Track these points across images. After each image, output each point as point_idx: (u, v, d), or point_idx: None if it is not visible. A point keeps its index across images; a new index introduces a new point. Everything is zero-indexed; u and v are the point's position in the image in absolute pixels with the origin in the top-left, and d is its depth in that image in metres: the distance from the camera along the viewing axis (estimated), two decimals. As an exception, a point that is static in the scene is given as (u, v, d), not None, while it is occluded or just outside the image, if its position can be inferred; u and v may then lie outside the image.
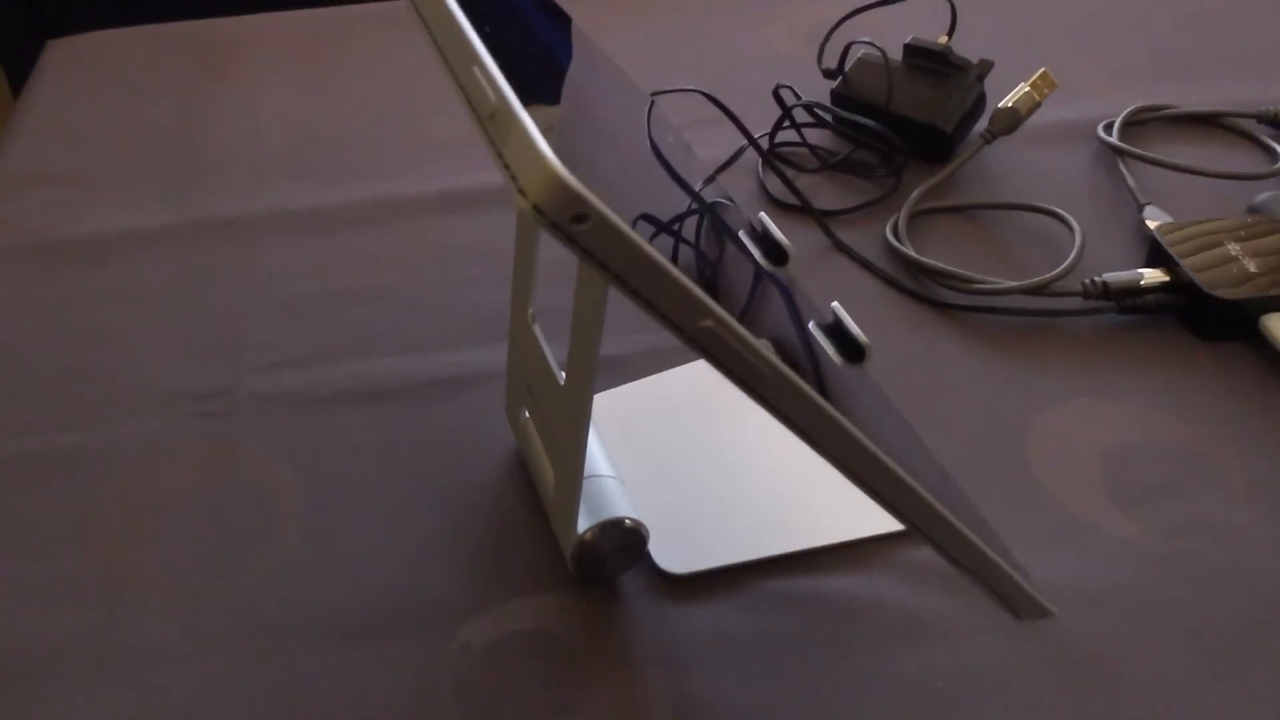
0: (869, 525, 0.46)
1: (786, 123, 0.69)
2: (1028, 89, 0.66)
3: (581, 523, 0.42)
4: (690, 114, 0.72)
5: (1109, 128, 0.69)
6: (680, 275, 0.27)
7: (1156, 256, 0.58)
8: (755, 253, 0.44)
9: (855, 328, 0.39)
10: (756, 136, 0.66)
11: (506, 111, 0.25)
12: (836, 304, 0.40)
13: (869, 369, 0.53)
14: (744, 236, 0.45)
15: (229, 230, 0.63)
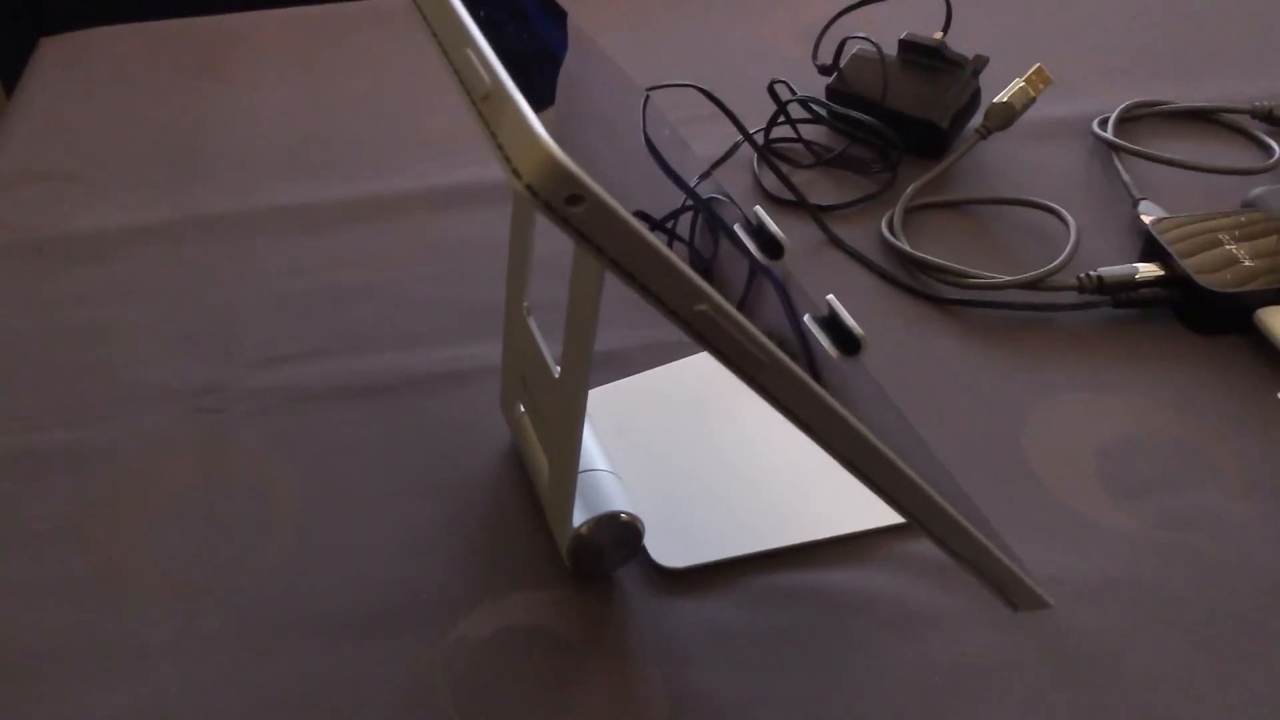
0: (865, 519, 0.46)
1: (782, 118, 0.69)
2: (1022, 84, 0.66)
3: (577, 517, 0.42)
4: (686, 110, 0.72)
5: (1104, 123, 0.69)
6: (675, 259, 0.27)
7: (1151, 251, 0.58)
8: (751, 246, 0.44)
9: (851, 320, 0.39)
10: (752, 132, 0.66)
11: (500, 93, 0.25)
12: (832, 297, 0.40)
13: (865, 363, 0.53)
14: (739, 231, 0.45)
15: (224, 227, 0.63)
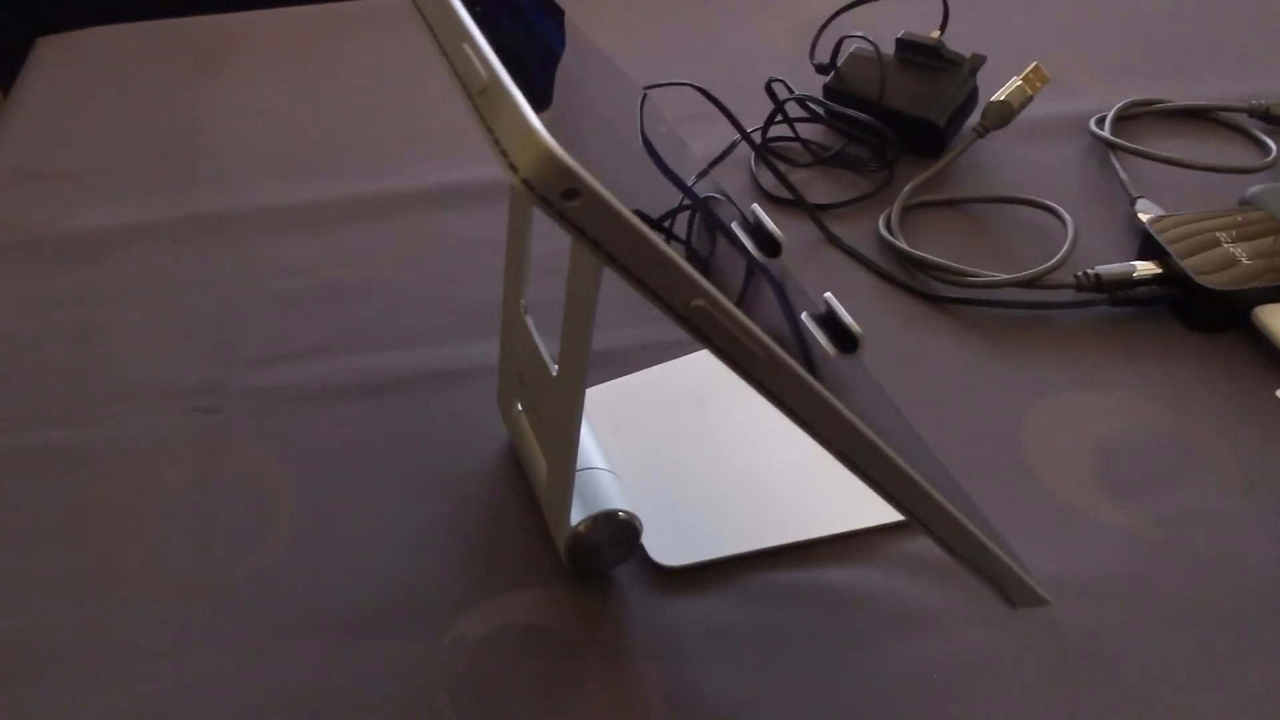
0: (863, 517, 0.46)
1: (779, 117, 0.68)
2: (1020, 83, 0.66)
3: (575, 515, 0.42)
4: (683, 109, 0.72)
5: (1101, 122, 0.69)
6: (673, 254, 0.27)
7: (1149, 249, 0.58)
8: (748, 245, 0.44)
9: (848, 318, 0.39)
10: (749, 131, 0.66)
11: (497, 87, 0.25)
12: (829, 294, 0.40)
13: (863, 361, 0.53)
14: (737, 229, 0.45)
15: (221, 226, 0.63)
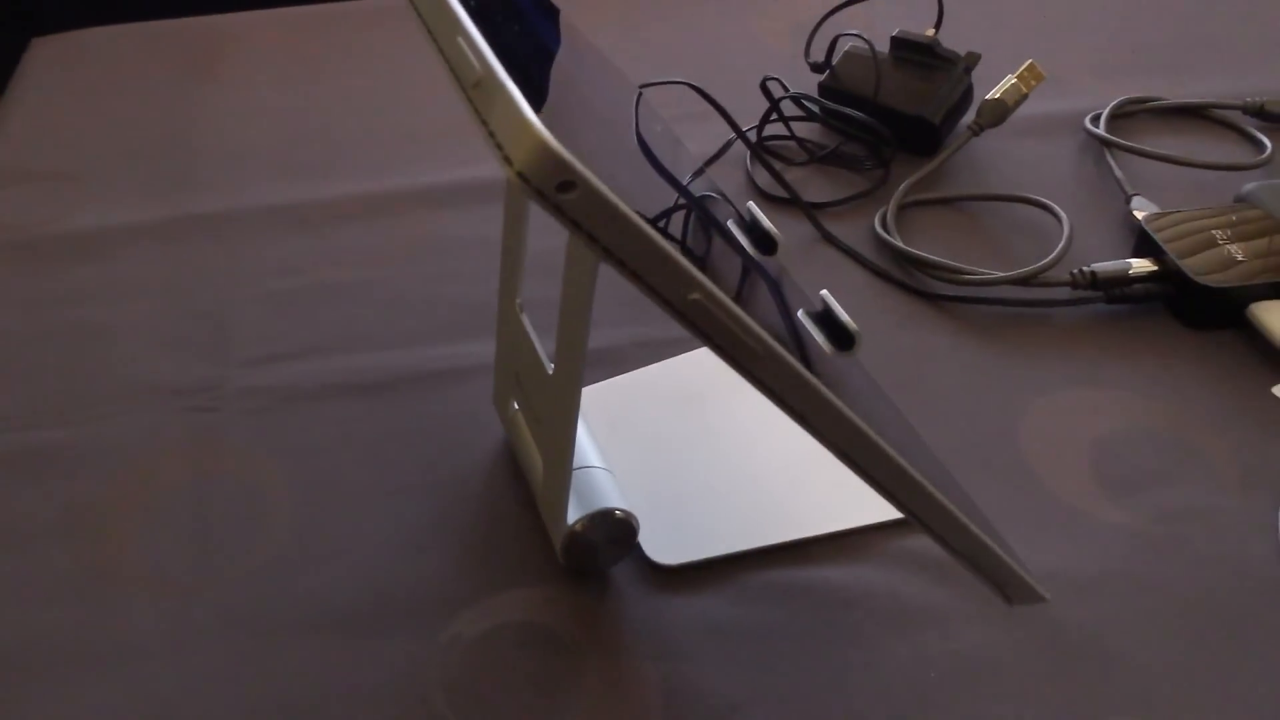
0: (860, 515, 0.46)
1: (774, 115, 0.68)
2: (1015, 81, 0.66)
3: (571, 514, 0.42)
4: (678, 108, 0.72)
5: (1096, 119, 0.69)
6: (669, 247, 0.27)
7: (1144, 246, 0.58)
8: (744, 242, 0.44)
9: (844, 315, 0.39)
10: (745, 129, 0.66)
11: (491, 80, 0.25)
12: (825, 292, 0.40)
13: (859, 359, 0.53)
14: (732, 227, 0.45)
15: (216, 226, 0.63)
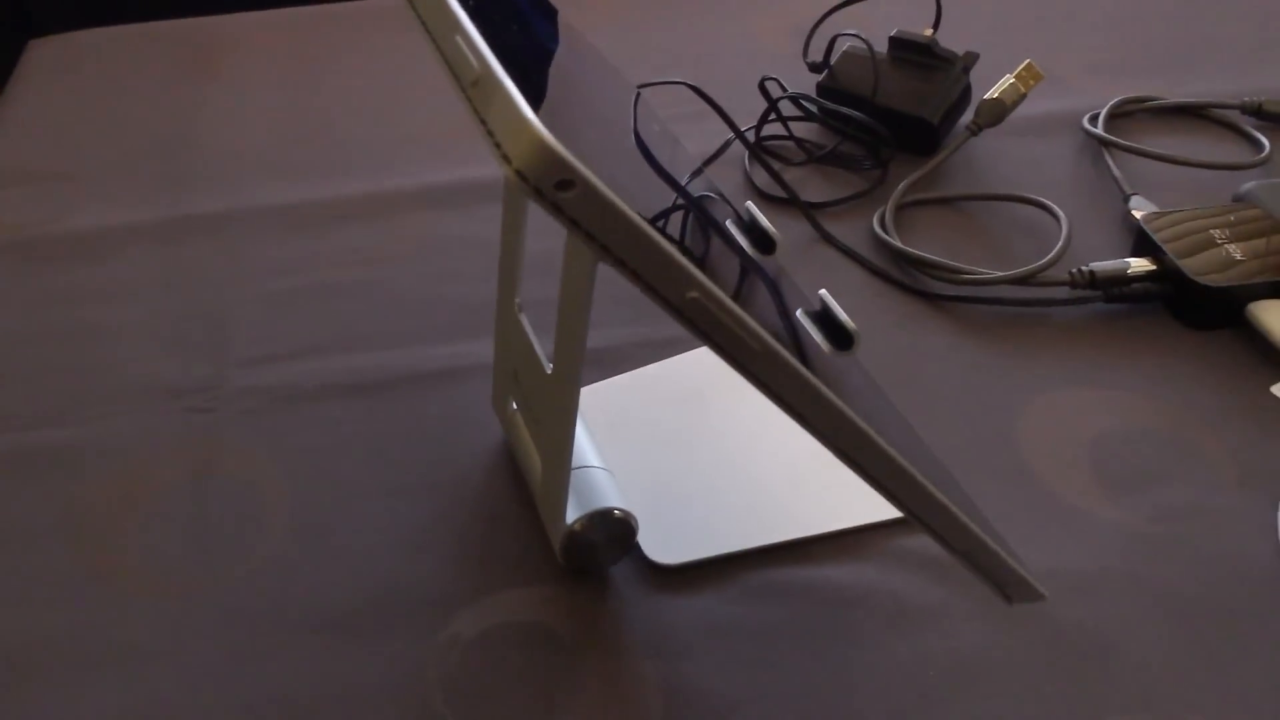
0: (859, 515, 0.46)
1: (773, 115, 0.68)
2: (1013, 80, 0.66)
3: (570, 513, 0.42)
4: (676, 108, 0.72)
5: (1094, 119, 0.69)
6: (667, 246, 0.27)
7: (1143, 246, 0.58)
8: (743, 242, 0.44)
9: (843, 315, 0.38)
10: (743, 129, 0.66)
11: (489, 78, 0.25)
12: (824, 291, 0.40)
13: (858, 358, 0.53)
14: (731, 226, 0.45)
15: (214, 226, 0.63)
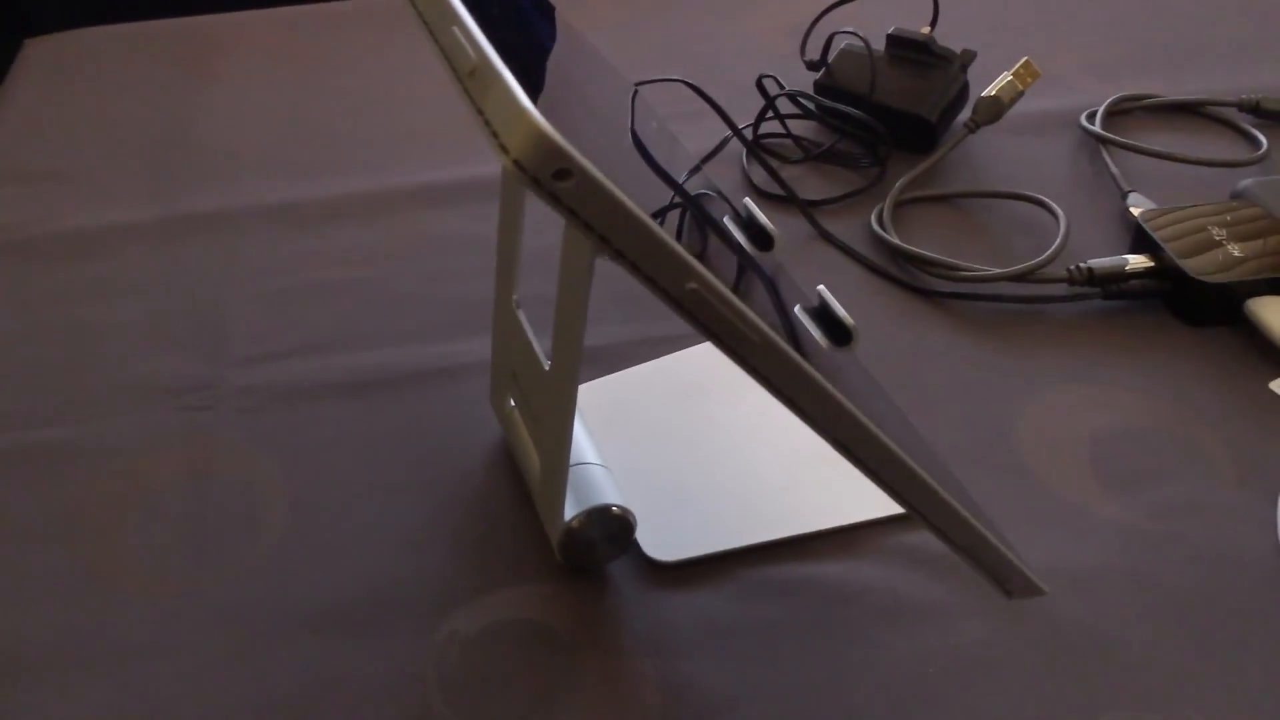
0: (858, 511, 0.46)
1: (770, 113, 0.68)
2: (1010, 78, 0.66)
3: (568, 510, 0.42)
4: (674, 106, 0.71)
5: (1091, 117, 0.69)
6: (666, 237, 0.26)
7: (1141, 243, 0.58)
8: (741, 238, 0.44)
9: (841, 310, 0.38)
10: (740, 127, 0.66)
11: (486, 68, 0.25)
12: (822, 287, 0.40)
13: (856, 355, 0.53)
14: (729, 223, 0.45)
15: (211, 225, 0.62)
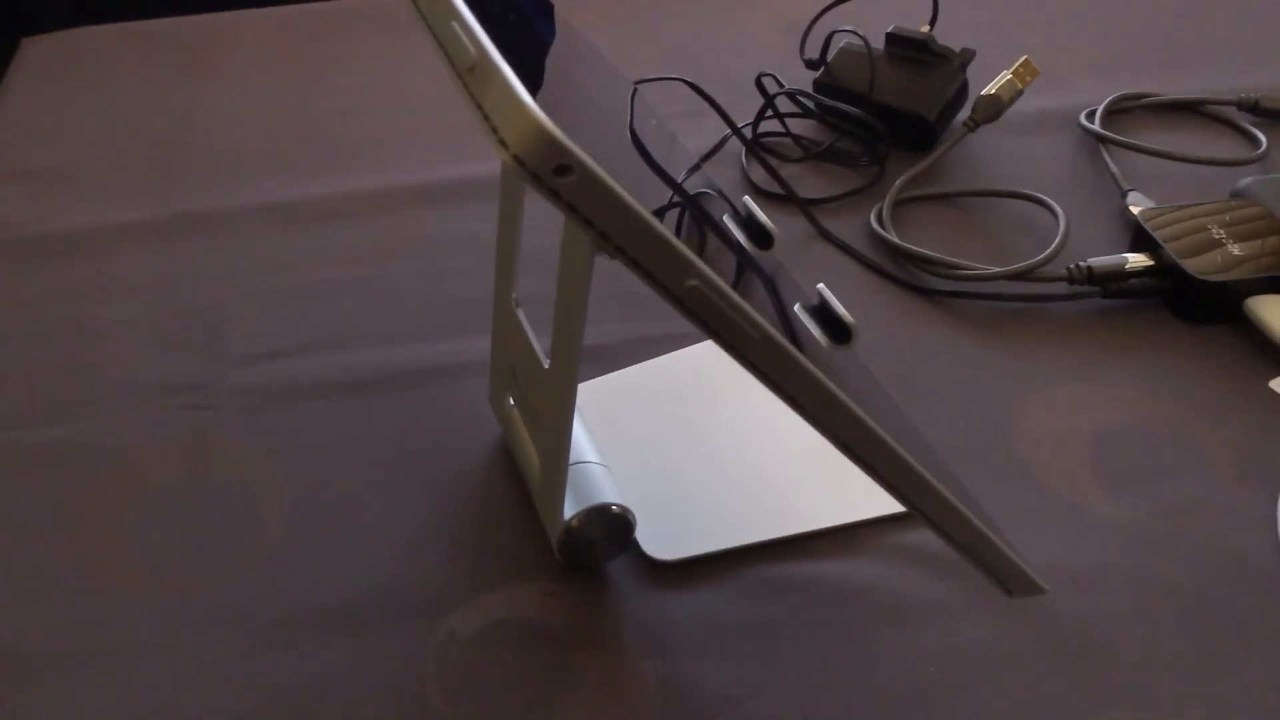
0: (858, 510, 0.46)
1: (769, 112, 0.68)
2: (1010, 77, 0.66)
3: (568, 509, 0.42)
4: (673, 105, 0.71)
5: (1091, 115, 0.69)
6: (667, 233, 0.26)
7: (1140, 241, 0.58)
8: (740, 237, 0.44)
9: (841, 309, 0.38)
10: (740, 126, 0.66)
11: (486, 63, 0.25)
12: (822, 285, 0.40)
13: (856, 353, 0.53)
14: (728, 221, 0.45)
15: (209, 224, 0.62)
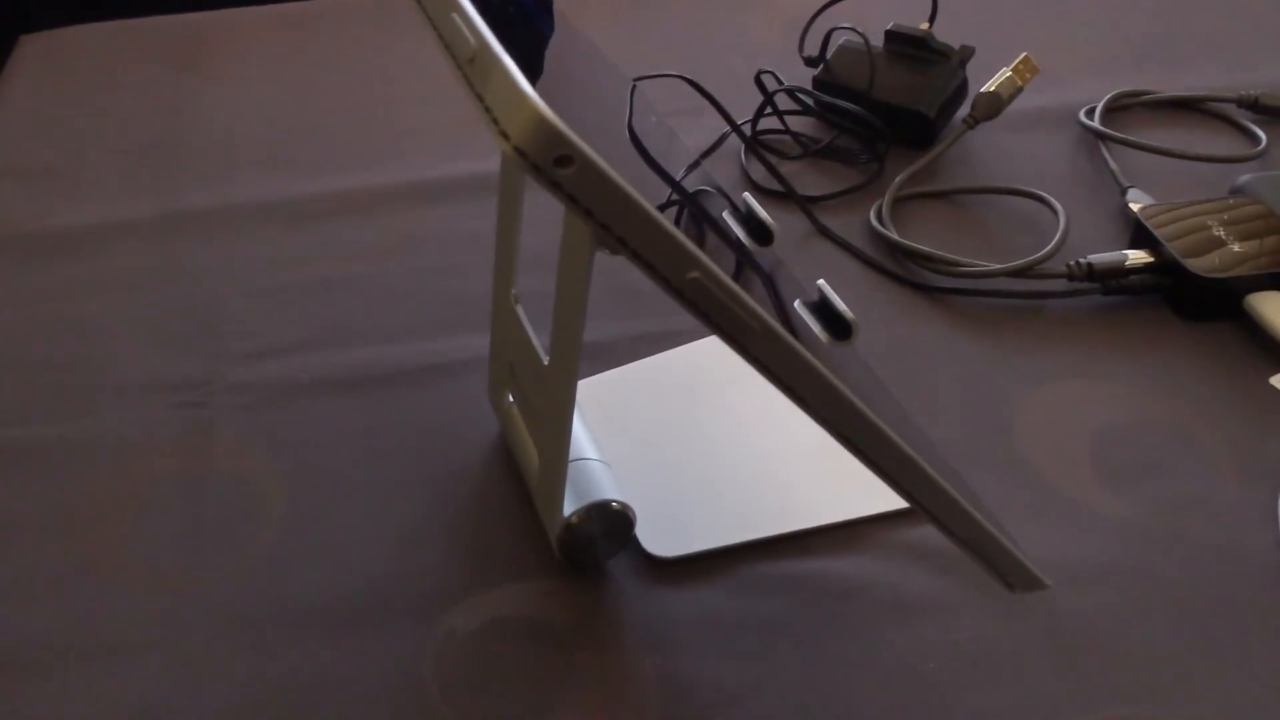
0: (858, 507, 0.46)
1: (769, 109, 0.68)
2: (1010, 74, 0.66)
3: (567, 506, 0.42)
4: (673, 102, 0.71)
5: (1091, 113, 0.69)
6: (668, 224, 0.26)
7: (1140, 238, 0.58)
8: (740, 234, 0.44)
9: (841, 305, 0.38)
10: (739, 123, 0.66)
11: (487, 54, 0.25)
12: (822, 281, 0.40)
13: (856, 350, 0.53)
14: (728, 218, 0.44)
15: (206, 221, 0.62)
